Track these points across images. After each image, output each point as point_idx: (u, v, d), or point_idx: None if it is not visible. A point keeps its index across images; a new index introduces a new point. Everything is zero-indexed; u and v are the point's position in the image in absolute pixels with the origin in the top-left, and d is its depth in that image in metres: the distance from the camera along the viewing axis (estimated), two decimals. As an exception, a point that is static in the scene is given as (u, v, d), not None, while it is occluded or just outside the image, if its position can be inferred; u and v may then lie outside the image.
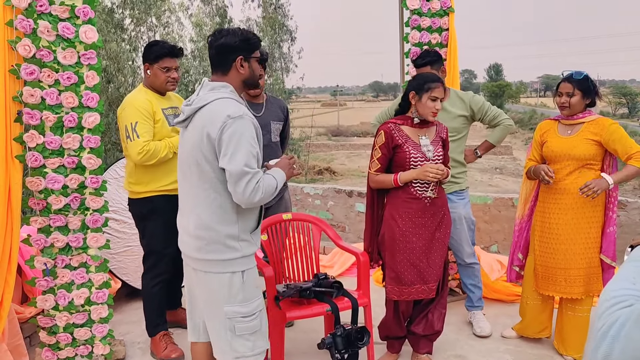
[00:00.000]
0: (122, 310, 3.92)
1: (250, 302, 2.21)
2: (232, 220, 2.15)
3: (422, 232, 2.79)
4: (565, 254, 2.98)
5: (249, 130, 2.07)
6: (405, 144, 2.76)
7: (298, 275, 3.24)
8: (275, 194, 2.19)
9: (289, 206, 3.60)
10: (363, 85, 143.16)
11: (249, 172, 2.04)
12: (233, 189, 2.07)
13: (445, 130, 2.90)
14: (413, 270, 2.79)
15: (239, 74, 2.20)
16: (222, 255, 2.16)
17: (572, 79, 2.93)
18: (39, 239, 2.77)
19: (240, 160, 2.03)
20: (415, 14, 3.78)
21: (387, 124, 2.82)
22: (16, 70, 2.59)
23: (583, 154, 2.88)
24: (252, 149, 2.07)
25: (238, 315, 2.18)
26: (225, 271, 2.17)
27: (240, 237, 2.17)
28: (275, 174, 2.22)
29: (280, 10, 14.94)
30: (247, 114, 2.10)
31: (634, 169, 2.81)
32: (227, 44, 2.17)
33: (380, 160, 2.81)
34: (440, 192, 2.85)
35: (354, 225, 5.67)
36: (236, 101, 2.14)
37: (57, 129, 2.73)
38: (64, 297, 2.86)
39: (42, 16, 2.63)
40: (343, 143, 32.08)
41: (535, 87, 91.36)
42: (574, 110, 2.95)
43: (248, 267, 2.21)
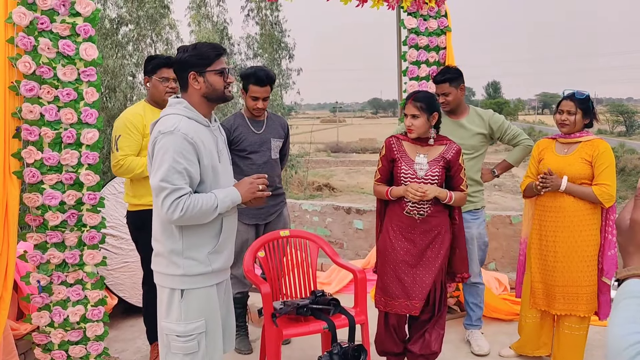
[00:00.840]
0: (118, 327, 3.90)
1: (188, 323, 2.11)
2: (175, 236, 2.10)
3: (409, 248, 2.81)
4: (563, 271, 2.98)
5: (176, 146, 2.00)
6: (401, 160, 2.82)
7: (295, 292, 3.23)
8: (215, 214, 2.09)
9: (288, 222, 3.60)
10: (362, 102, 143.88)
11: (167, 187, 1.99)
12: (155, 203, 2.06)
13: (454, 151, 2.83)
14: (398, 284, 2.82)
15: (196, 90, 2.14)
16: (165, 269, 2.14)
17: (574, 97, 2.98)
18: (35, 255, 2.77)
19: (159, 175, 2.00)
20: (413, 32, 3.82)
21: (390, 138, 2.91)
22: (16, 86, 2.61)
23: (578, 172, 2.92)
24: (176, 164, 2.00)
25: (173, 333, 2.13)
26: (166, 285, 2.15)
27: (185, 255, 2.10)
28: (220, 194, 2.11)
29: (277, 27, 15.08)
30: (182, 129, 2.02)
31: (592, 193, 2.89)
32: (179, 60, 2.14)
33: (380, 171, 2.91)
34: (438, 212, 2.83)
35: (352, 242, 5.66)
36: (186, 117, 2.08)
37: (56, 145, 2.74)
38: (59, 314, 2.84)
39: (43, 34, 2.66)
40: (342, 159, 32.15)
41: (533, 105, 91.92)
42: (573, 129, 2.98)
43: (191, 287, 2.12)
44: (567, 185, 2.92)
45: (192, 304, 2.12)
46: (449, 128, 3.43)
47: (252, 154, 3.33)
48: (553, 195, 2.98)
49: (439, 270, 2.84)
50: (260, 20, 14.96)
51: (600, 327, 3.52)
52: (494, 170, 3.59)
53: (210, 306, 2.18)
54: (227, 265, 2.29)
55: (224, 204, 2.10)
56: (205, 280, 2.15)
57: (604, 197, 2.88)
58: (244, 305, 3.58)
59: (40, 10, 2.64)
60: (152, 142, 2.07)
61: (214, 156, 2.14)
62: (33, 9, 2.62)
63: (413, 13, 3.80)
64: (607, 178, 2.89)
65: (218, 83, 2.15)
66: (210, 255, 2.14)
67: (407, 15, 3.82)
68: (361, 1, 3.61)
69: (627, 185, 21.09)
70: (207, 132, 2.15)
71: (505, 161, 3.58)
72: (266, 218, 3.44)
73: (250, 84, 3.28)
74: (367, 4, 3.67)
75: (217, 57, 2.15)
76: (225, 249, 2.22)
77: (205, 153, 2.09)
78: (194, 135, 2.05)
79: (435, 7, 3.81)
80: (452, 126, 3.45)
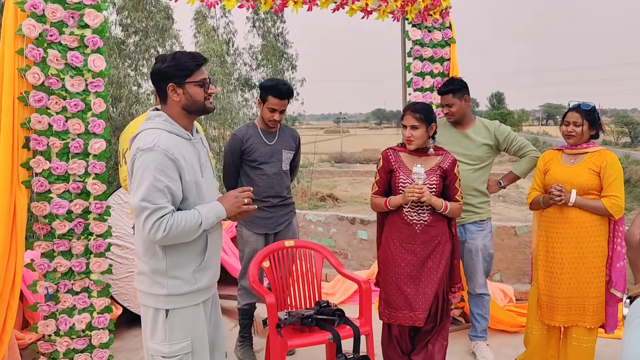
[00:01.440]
0: (122, 337, 3.89)
1: (173, 343, 2.03)
2: (159, 255, 2.01)
3: (410, 259, 2.82)
4: (570, 282, 2.97)
5: (156, 163, 1.90)
6: (398, 170, 2.86)
7: (300, 303, 3.23)
8: (199, 232, 2.00)
9: (297, 233, 3.58)
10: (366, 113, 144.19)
11: (148, 207, 1.89)
12: (136, 224, 1.96)
13: (450, 161, 2.90)
14: (400, 296, 2.83)
15: (175, 102, 2.02)
16: (149, 289, 2.05)
17: (580, 109, 2.97)
18: (42, 264, 2.79)
19: (140, 194, 1.90)
20: (418, 44, 3.85)
21: (387, 149, 2.95)
22: (25, 97, 2.64)
23: (585, 183, 2.91)
24: (157, 182, 1.90)
25: (158, 354, 2.05)
26: (150, 305, 2.06)
27: (169, 274, 2.01)
28: (203, 210, 2.01)
29: (281, 39, 15.19)
30: (162, 145, 1.92)
31: (602, 206, 2.88)
32: (157, 70, 2.03)
33: (378, 183, 2.94)
34: (438, 221, 2.85)
35: (357, 253, 5.65)
36: (166, 131, 1.98)
37: (63, 154, 2.76)
38: (65, 322, 2.85)
39: (52, 45, 2.70)
40: (346, 170, 32.16)
41: (537, 116, 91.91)
42: (580, 140, 2.98)
43: (175, 307, 2.04)
44: (576, 199, 2.91)
45: (177, 324, 2.04)
46: (454, 139, 3.44)
47: (262, 165, 3.35)
48: (559, 207, 2.97)
49: (440, 280, 2.84)
50: (264, 32, 15.09)
51: (608, 339, 3.49)
52: (500, 181, 3.58)
53: (196, 325, 2.10)
54: (213, 282, 2.21)
55: (208, 220, 2.01)
56: (191, 299, 2.07)
57: (614, 210, 2.87)
58: (250, 316, 3.57)
59: (50, 22, 2.68)
60: (132, 159, 1.96)
61: (196, 171, 2.05)
62: (42, 21, 2.67)
63: (418, 25, 3.84)
64: (617, 190, 2.88)
65: (198, 94, 2.04)
66: (196, 274, 2.06)
67: (411, 26, 3.85)
68: (366, 13, 3.64)
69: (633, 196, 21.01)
70: (188, 146, 2.05)
71: (512, 172, 3.57)
72: (275, 228, 3.44)
73: (269, 95, 3.28)
74: (372, 16, 3.70)
75: (197, 68, 2.04)
76: (210, 266, 2.13)
77: (187, 168, 1.99)
78: (175, 151, 1.95)
79: (439, 19, 3.85)
80: (458, 137, 3.45)
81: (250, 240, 3.41)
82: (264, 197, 3.34)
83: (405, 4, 3.68)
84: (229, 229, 5.06)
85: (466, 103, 3.43)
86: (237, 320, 3.64)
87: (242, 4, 3.24)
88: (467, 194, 3.38)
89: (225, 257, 4.69)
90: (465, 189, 3.36)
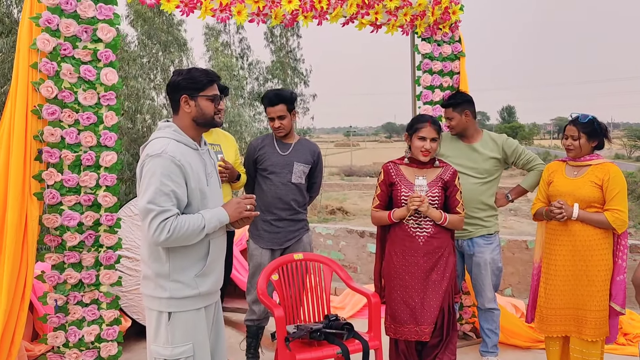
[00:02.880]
0: (131, 350, 3.89)
1: (176, 346, 2.11)
2: (162, 259, 2.10)
3: (414, 271, 2.82)
4: (569, 294, 2.95)
5: (163, 168, 2.02)
6: (400, 183, 2.88)
7: (309, 316, 3.21)
8: (202, 235, 2.08)
9: (309, 250, 3.51)
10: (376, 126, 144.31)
11: (153, 209, 1.99)
12: (142, 226, 2.08)
13: (451, 173, 2.92)
14: (406, 310, 2.82)
15: (186, 113, 2.16)
16: (152, 292, 2.14)
17: (577, 122, 2.97)
18: (52, 276, 2.80)
19: (147, 197, 2.00)
20: (427, 57, 3.86)
21: (388, 163, 2.98)
22: (38, 110, 2.68)
23: (587, 195, 2.89)
24: (164, 186, 2.01)
25: (161, 356, 2.12)
26: (153, 308, 2.15)
27: (172, 278, 2.10)
28: (206, 214, 2.11)
29: (292, 54, 15.33)
30: (169, 151, 2.04)
31: (605, 220, 2.87)
32: (172, 83, 2.18)
33: (379, 197, 2.96)
34: (440, 233, 2.84)
35: (366, 266, 5.62)
36: (174, 140, 2.11)
37: (75, 167, 2.79)
38: (74, 333, 2.86)
39: (66, 59, 2.74)
40: (356, 183, 32.11)
41: (549, 129, 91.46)
42: (580, 153, 2.97)
43: (177, 310, 2.11)
44: (579, 213, 2.89)
45: (179, 327, 2.12)
46: (462, 152, 3.44)
47: (271, 175, 3.35)
48: (563, 220, 2.95)
49: (445, 293, 2.83)
50: (277, 47, 15.24)
51: (620, 356, 3.43)
52: (508, 195, 3.56)
53: (198, 330, 2.17)
54: (216, 289, 2.28)
55: (210, 224, 2.10)
56: (192, 303, 2.15)
57: (617, 224, 2.85)
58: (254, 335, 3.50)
59: (64, 36, 2.73)
60: (141, 164, 2.09)
61: (201, 179, 2.16)
62: (57, 36, 2.71)
63: (427, 38, 3.85)
64: (620, 203, 2.86)
65: (208, 108, 2.18)
66: (197, 278, 2.14)
67: (421, 40, 3.86)
68: (376, 27, 3.67)
69: (646, 211, 20.70)
70: (195, 156, 2.17)
71: (520, 186, 3.55)
72: (283, 243, 3.40)
73: (265, 107, 3.38)
74: (381, 30, 3.72)
75: (210, 84, 2.18)
76: (212, 272, 2.21)
77: (192, 176, 2.10)
78: (182, 158, 2.07)
79: (449, 33, 3.86)
80: (465, 150, 3.45)
81: (255, 254, 3.40)
82: (271, 208, 3.34)
83: (414, 18, 3.70)
84: (238, 242, 5.06)
85: (467, 118, 3.43)
86: (245, 333, 3.62)
87: (253, 19, 3.27)
88: (474, 207, 3.37)
89: (234, 271, 4.68)
90: (472, 202, 3.35)
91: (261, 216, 3.33)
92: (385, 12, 3.60)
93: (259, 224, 3.39)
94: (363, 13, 3.52)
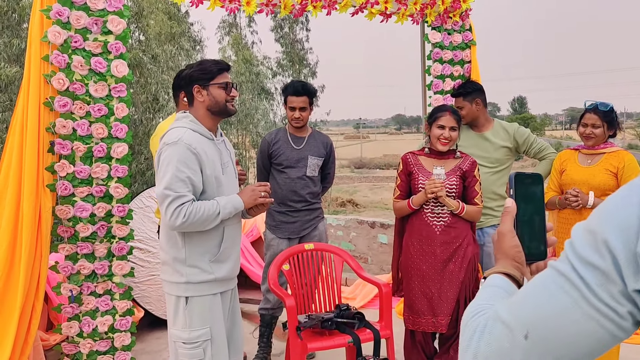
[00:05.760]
0: (144, 340, 3.93)
1: (192, 330, 2.19)
2: (178, 244, 2.18)
3: (431, 261, 2.81)
4: None
5: (179, 155, 2.09)
6: (418, 172, 2.88)
7: (320, 306, 3.22)
8: (217, 221, 2.15)
9: (324, 238, 3.55)
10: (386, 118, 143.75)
11: (170, 195, 2.07)
12: (160, 213, 2.15)
13: (470, 163, 2.89)
14: (424, 300, 2.81)
15: (200, 103, 2.24)
16: (170, 277, 2.21)
17: (597, 110, 2.93)
18: (66, 266, 2.83)
19: (164, 183, 2.09)
20: (437, 47, 3.83)
21: (407, 153, 2.98)
22: (50, 102, 2.70)
23: (602, 183, 2.87)
24: (180, 173, 2.09)
25: (179, 340, 2.20)
26: (172, 293, 2.22)
27: (188, 263, 2.18)
28: (222, 200, 2.18)
29: (299, 45, 15.26)
30: (185, 139, 2.12)
31: None
32: (185, 75, 2.27)
33: (399, 187, 2.96)
34: (458, 223, 2.83)
35: (377, 257, 5.62)
36: (190, 130, 2.18)
37: (87, 158, 2.81)
38: (88, 324, 2.89)
39: (76, 51, 2.76)
40: (366, 175, 32.07)
41: (561, 120, 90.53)
42: (598, 142, 2.94)
43: (194, 295, 2.19)
44: (594, 202, 2.86)
45: (196, 312, 2.19)
46: (473, 141, 3.42)
47: (287, 169, 3.37)
48: (578, 209, 2.92)
49: (463, 284, 2.81)
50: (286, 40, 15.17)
51: (634, 345, 3.41)
52: None
53: (215, 314, 2.24)
54: (233, 275, 2.35)
55: (225, 210, 2.17)
56: (209, 288, 2.22)
57: None
58: (267, 325, 3.52)
59: (74, 29, 2.74)
60: (158, 152, 2.18)
61: (217, 168, 2.23)
62: (67, 28, 2.72)
63: (437, 27, 3.82)
64: None
65: (220, 96, 2.24)
66: (213, 264, 2.21)
67: (431, 29, 3.83)
68: (385, 16, 3.64)
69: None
70: (211, 145, 2.23)
71: None
72: (300, 232, 3.44)
73: (288, 95, 3.38)
74: (391, 19, 3.70)
75: (220, 72, 2.25)
76: (228, 258, 2.28)
77: (207, 163, 2.17)
78: (197, 146, 2.14)
79: (459, 21, 3.82)
80: (476, 139, 3.43)
81: (272, 244, 3.43)
82: (286, 201, 3.36)
83: (424, 7, 3.67)
84: (249, 233, 5.09)
85: (477, 107, 3.40)
86: (257, 324, 3.65)
87: (262, 9, 3.26)
88: (485, 197, 3.35)
89: (245, 262, 4.71)
90: (483, 192, 3.33)
91: (277, 208, 3.38)
92: (395, 1, 3.57)
93: (275, 215, 3.42)
94: (373, 2, 3.49)
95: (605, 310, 0.65)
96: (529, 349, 0.69)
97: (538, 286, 0.72)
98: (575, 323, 0.66)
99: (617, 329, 0.66)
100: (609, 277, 0.64)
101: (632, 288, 0.63)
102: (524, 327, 0.69)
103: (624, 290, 0.64)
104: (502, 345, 0.71)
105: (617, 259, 0.64)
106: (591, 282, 0.66)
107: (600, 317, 0.65)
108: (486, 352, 0.72)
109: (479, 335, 0.74)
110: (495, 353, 0.71)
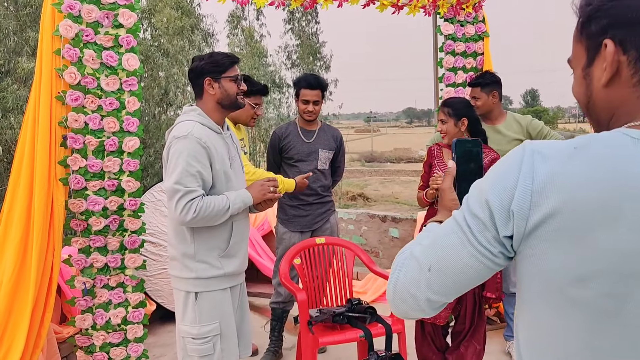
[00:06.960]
0: (156, 333, 3.96)
1: (202, 325, 2.18)
2: (187, 239, 2.17)
3: None
4: None
5: (189, 149, 2.07)
6: (436, 165, 2.89)
7: (331, 300, 3.22)
8: (227, 216, 2.14)
9: (336, 231, 3.55)
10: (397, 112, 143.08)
11: (180, 189, 2.05)
12: (169, 207, 2.12)
13: (490, 159, 2.81)
14: None
15: (211, 96, 2.21)
16: (179, 273, 2.20)
17: None
18: (79, 259, 2.85)
19: (174, 178, 2.07)
20: (450, 39, 3.79)
21: (434, 144, 3.01)
22: (62, 96, 2.71)
23: None
24: (190, 167, 2.06)
25: (189, 335, 2.19)
26: (181, 289, 2.21)
27: (198, 258, 2.17)
28: (231, 195, 2.17)
29: (314, 38, 15.21)
30: (195, 133, 2.09)
31: None
32: (195, 67, 2.23)
33: (422, 178, 3.00)
34: None
35: (388, 251, 5.60)
36: (199, 123, 2.15)
37: (99, 152, 2.82)
38: (101, 316, 2.91)
39: (88, 45, 2.75)
40: (377, 169, 31.98)
41: (574, 113, 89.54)
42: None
43: (204, 290, 2.19)
44: None
45: (205, 307, 2.18)
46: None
47: (298, 162, 3.36)
48: None
49: None
50: (299, 31, 15.12)
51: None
52: None
53: (224, 309, 2.23)
54: (241, 270, 2.34)
55: (235, 204, 2.16)
56: (218, 283, 2.21)
57: None
58: (278, 318, 3.52)
59: (86, 22, 2.74)
60: (167, 146, 2.15)
61: (225, 162, 2.21)
62: (79, 22, 2.72)
63: (450, 19, 3.77)
64: None
65: (232, 89, 2.23)
66: (222, 259, 2.20)
67: (443, 21, 3.79)
68: (397, 8, 3.60)
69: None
70: (219, 139, 2.21)
71: None
72: (312, 226, 3.44)
73: (301, 88, 3.35)
74: (403, 11, 3.66)
75: (232, 65, 2.24)
76: (237, 253, 2.27)
77: (217, 158, 2.16)
78: (207, 140, 2.12)
79: (472, 13, 3.77)
80: (488, 132, 3.38)
81: (284, 238, 3.42)
82: (298, 194, 3.34)
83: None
84: (260, 227, 5.09)
85: (494, 99, 3.37)
86: (268, 318, 3.65)
87: (273, 2, 3.24)
88: None
89: (256, 256, 4.71)
90: None
91: (289, 202, 3.38)
92: (406, -7, 3.53)
93: (287, 209, 3.42)
94: (384, -6, 3.46)
95: (483, 250, 0.85)
96: (431, 277, 0.90)
97: (442, 230, 0.91)
98: (463, 258, 0.86)
99: (492, 264, 0.86)
100: (486, 225, 0.84)
101: (502, 235, 0.82)
102: (429, 262, 0.90)
103: (496, 236, 0.83)
104: (413, 275, 0.92)
105: (493, 213, 0.82)
106: (474, 229, 0.85)
107: (479, 255, 0.85)
108: (403, 281, 0.93)
109: (399, 268, 0.96)
110: (409, 281, 0.92)
